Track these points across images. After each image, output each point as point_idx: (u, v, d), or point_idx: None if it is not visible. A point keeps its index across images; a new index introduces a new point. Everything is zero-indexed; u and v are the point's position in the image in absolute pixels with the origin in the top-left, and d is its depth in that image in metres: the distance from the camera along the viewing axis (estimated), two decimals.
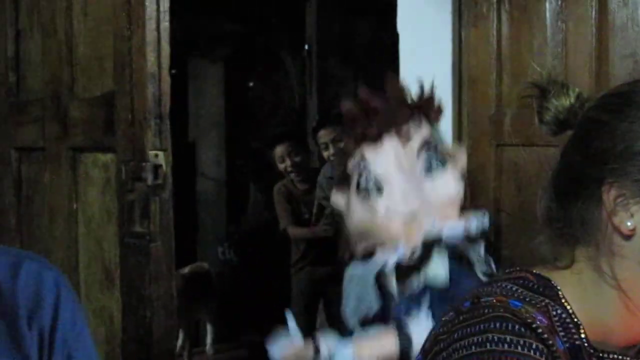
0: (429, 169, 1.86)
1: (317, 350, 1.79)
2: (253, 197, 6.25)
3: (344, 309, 1.96)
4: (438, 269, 1.86)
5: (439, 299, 1.85)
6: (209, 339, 5.22)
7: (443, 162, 1.90)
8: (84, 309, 1.96)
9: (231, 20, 5.93)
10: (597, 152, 0.92)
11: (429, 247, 1.84)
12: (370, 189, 1.84)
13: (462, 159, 2.01)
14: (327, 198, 4.00)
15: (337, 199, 1.96)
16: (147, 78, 1.67)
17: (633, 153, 0.89)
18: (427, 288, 1.86)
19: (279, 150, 4.23)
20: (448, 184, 1.90)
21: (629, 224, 0.89)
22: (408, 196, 1.85)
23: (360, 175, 1.86)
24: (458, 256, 1.91)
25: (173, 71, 1.80)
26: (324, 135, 4.02)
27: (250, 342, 5.43)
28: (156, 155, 1.69)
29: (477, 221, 1.91)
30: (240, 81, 6.54)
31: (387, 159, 1.86)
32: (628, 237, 0.90)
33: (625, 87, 0.96)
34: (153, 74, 1.68)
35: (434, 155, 1.89)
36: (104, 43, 1.85)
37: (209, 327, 5.20)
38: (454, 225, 1.87)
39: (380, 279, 1.86)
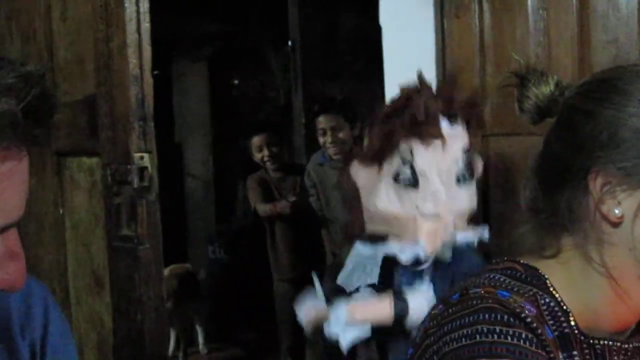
0: (460, 178, 1.89)
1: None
2: (241, 196, 6.24)
3: (341, 275, 1.98)
4: (443, 245, 1.89)
5: (442, 273, 1.87)
6: (200, 339, 5.22)
7: (472, 174, 1.93)
8: (74, 314, 1.95)
9: (214, 20, 5.91)
10: (582, 140, 0.91)
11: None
12: (408, 182, 1.87)
13: (480, 170, 2.04)
14: (314, 185, 4.01)
15: (358, 172, 1.98)
16: (129, 80, 1.66)
17: (618, 140, 0.88)
18: (430, 262, 1.89)
19: (257, 140, 4.28)
20: (472, 196, 1.93)
21: (616, 211, 0.89)
22: (439, 199, 1.87)
23: (402, 165, 1.88)
24: None
25: (155, 72, 1.78)
26: (323, 122, 3.94)
27: (244, 341, 5.43)
28: (141, 158, 1.68)
29: (480, 234, 1.95)
30: (225, 80, 6.53)
31: (431, 158, 1.89)
32: (616, 225, 0.90)
33: (607, 73, 0.96)
34: (135, 75, 1.67)
35: (467, 166, 1.91)
36: (84, 46, 1.83)
37: (198, 328, 5.20)
38: (466, 235, 1.90)
39: (388, 262, 1.88)
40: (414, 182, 1.88)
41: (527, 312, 0.87)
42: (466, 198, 1.92)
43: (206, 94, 6.43)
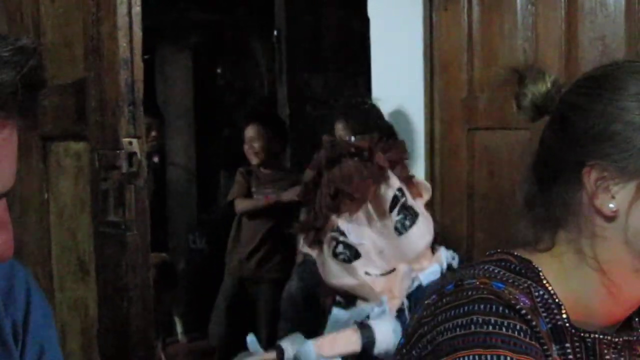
0: (399, 227, 1.87)
1: (281, 354, 1.79)
2: (224, 185, 6.22)
3: None
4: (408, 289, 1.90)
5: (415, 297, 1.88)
6: (179, 329, 5.22)
7: (414, 217, 1.90)
8: (58, 300, 1.94)
9: (200, 8, 5.87)
10: (575, 135, 0.93)
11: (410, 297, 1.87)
12: (347, 258, 1.87)
13: (428, 193, 2.02)
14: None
15: (307, 250, 1.98)
16: (120, 64, 1.64)
17: (610, 134, 0.89)
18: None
19: (250, 129, 4.13)
20: (422, 235, 1.91)
21: (611, 205, 0.90)
22: (386, 256, 1.87)
23: (336, 245, 1.88)
24: None
25: (146, 57, 1.77)
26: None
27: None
28: (130, 143, 1.66)
29: (448, 259, 1.94)
30: (209, 69, 6.49)
31: (362, 228, 1.87)
32: (610, 219, 0.91)
33: (599, 70, 0.97)
34: (125, 59, 1.65)
35: (405, 213, 1.89)
36: (73, 29, 1.81)
37: (176, 318, 5.20)
38: (431, 271, 1.89)
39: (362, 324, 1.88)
40: (353, 256, 1.87)
41: (521, 304, 0.88)
42: (414, 241, 1.89)
43: (190, 83, 6.39)
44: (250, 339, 1.90)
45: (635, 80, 0.91)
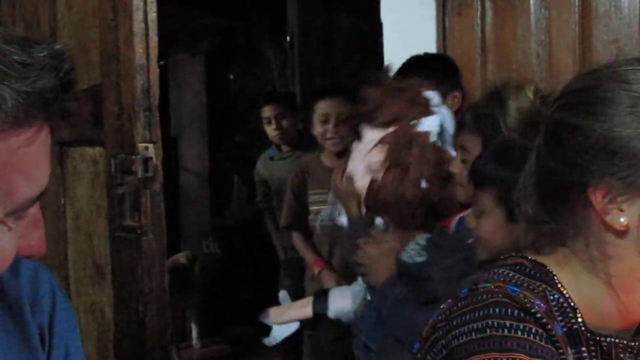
0: None
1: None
2: (237, 191, 6.23)
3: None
4: None
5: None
6: (194, 334, 5.21)
7: None
8: (74, 304, 1.95)
9: (212, 13, 5.89)
10: (575, 156, 0.90)
11: None
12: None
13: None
14: (265, 182, 3.99)
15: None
16: (136, 70, 1.65)
17: (611, 152, 0.87)
18: None
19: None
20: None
21: (622, 220, 0.89)
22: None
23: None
24: None
25: (161, 62, 1.78)
26: (267, 111, 3.97)
27: (237, 336, 5.43)
28: (146, 148, 1.67)
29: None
30: (222, 74, 6.51)
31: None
32: (622, 234, 0.90)
33: (583, 81, 0.94)
34: (141, 65, 1.66)
35: None
36: (89, 35, 1.82)
37: (192, 322, 5.19)
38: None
39: None
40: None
41: (537, 307, 0.87)
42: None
43: (203, 89, 6.41)
44: (283, 294, 2.35)
45: (625, 92, 0.88)
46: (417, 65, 2.41)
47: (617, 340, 0.95)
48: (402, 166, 1.84)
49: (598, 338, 0.94)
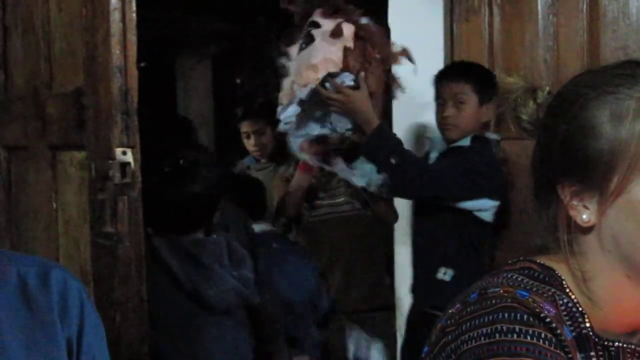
0: None
1: None
2: None
3: None
4: None
5: None
6: None
7: None
8: None
9: (219, 18, 5.91)
10: (547, 155, 0.96)
11: None
12: None
13: None
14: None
15: None
16: (113, 72, 1.61)
17: (572, 152, 0.91)
18: None
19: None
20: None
21: (584, 216, 0.92)
22: None
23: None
24: None
25: (142, 64, 1.73)
26: (246, 126, 4.06)
27: None
28: (124, 153, 1.62)
29: None
30: (229, 79, 6.52)
31: None
32: (588, 231, 0.93)
33: (568, 85, 0.98)
34: (119, 67, 1.61)
35: None
36: (75, 37, 1.78)
37: None
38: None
39: None
40: None
41: (546, 312, 0.88)
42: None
43: (210, 93, 6.42)
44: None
45: (589, 97, 0.91)
46: (462, 67, 2.56)
47: (624, 345, 0.95)
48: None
49: (606, 343, 0.94)
